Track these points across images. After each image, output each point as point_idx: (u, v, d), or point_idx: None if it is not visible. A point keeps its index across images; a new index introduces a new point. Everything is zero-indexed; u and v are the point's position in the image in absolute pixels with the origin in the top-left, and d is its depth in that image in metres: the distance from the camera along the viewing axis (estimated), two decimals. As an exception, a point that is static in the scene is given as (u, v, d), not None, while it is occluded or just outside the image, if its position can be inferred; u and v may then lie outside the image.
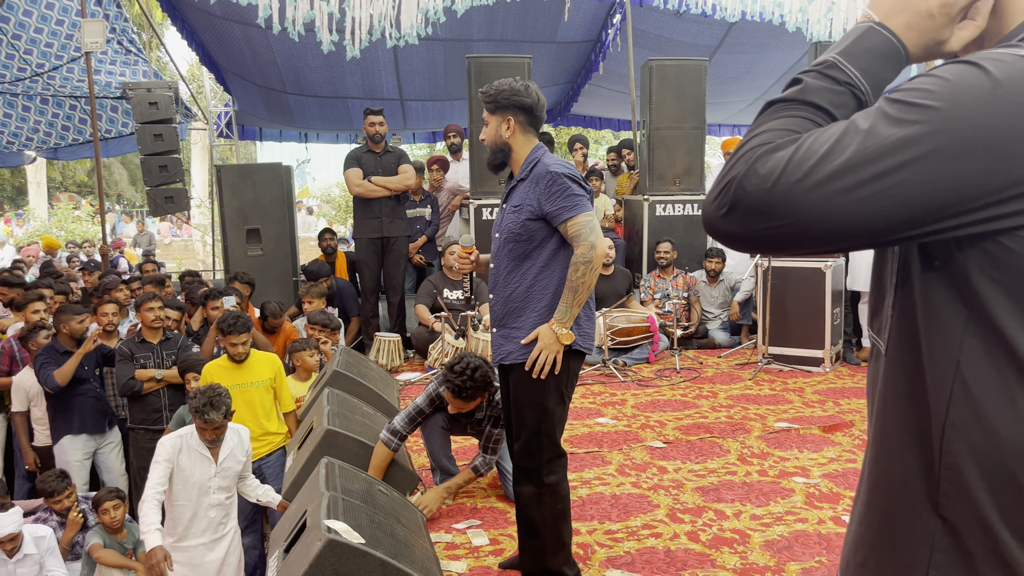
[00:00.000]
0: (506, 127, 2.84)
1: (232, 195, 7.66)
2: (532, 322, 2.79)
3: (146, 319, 5.09)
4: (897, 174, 0.83)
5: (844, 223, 0.86)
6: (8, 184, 29.77)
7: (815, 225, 0.87)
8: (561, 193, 2.72)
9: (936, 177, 0.83)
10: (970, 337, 0.90)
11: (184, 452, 3.70)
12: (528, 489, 2.86)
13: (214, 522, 3.70)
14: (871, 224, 0.85)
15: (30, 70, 9.27)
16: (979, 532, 0.90)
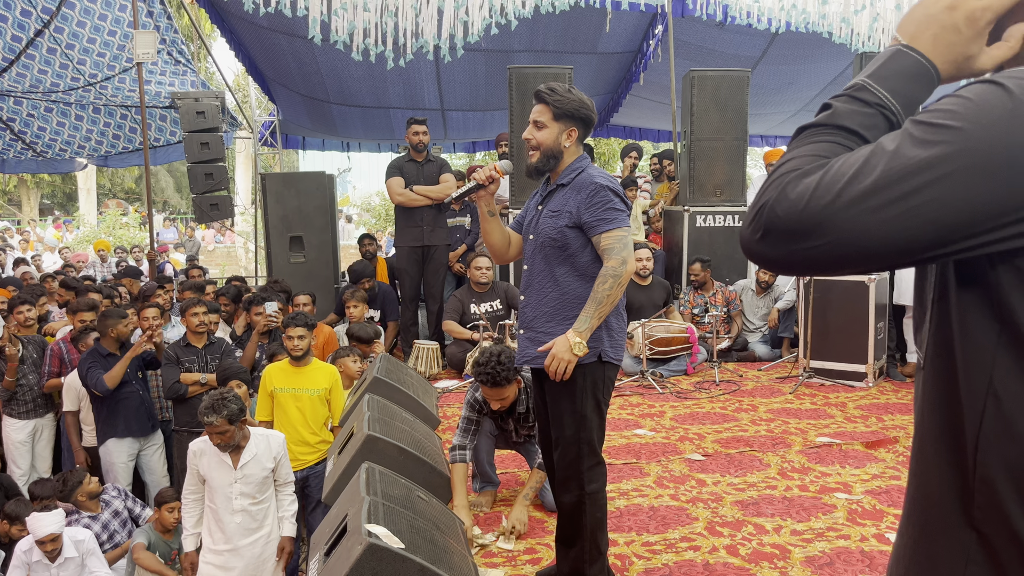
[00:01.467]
0: (567, 137, 2.83)
1: (276, 203, 7.79)
2: (564, 330, 2.79)
3: (191, 324, 5.19)
4: (923, 193, 0.85)
5: (875, 242, 0.88)
6: (59, 191, 30.53)
7: (848, 244, 0.89)
8: (602, 205, 2.73)
9: (961, 196, 0.84)
10: (1003, 351, 0.91)
11: (205, 457, 3.71)
12: (569, 497, 2.86)
13: (240, 528, 3.69)
14: (901, 243, 0.87)
15: (83, 80, 9.52)
16: (1012, 546, 0.91)
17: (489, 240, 3.08)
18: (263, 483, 3.78)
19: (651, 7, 8.46)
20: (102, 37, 8.80)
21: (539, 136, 2.84)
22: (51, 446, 5.66)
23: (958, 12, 0.97)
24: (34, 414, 5.54)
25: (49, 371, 5.55)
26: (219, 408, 3.58)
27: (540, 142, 2.84)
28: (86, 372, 5.04)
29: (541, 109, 2.83)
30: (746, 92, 7.55)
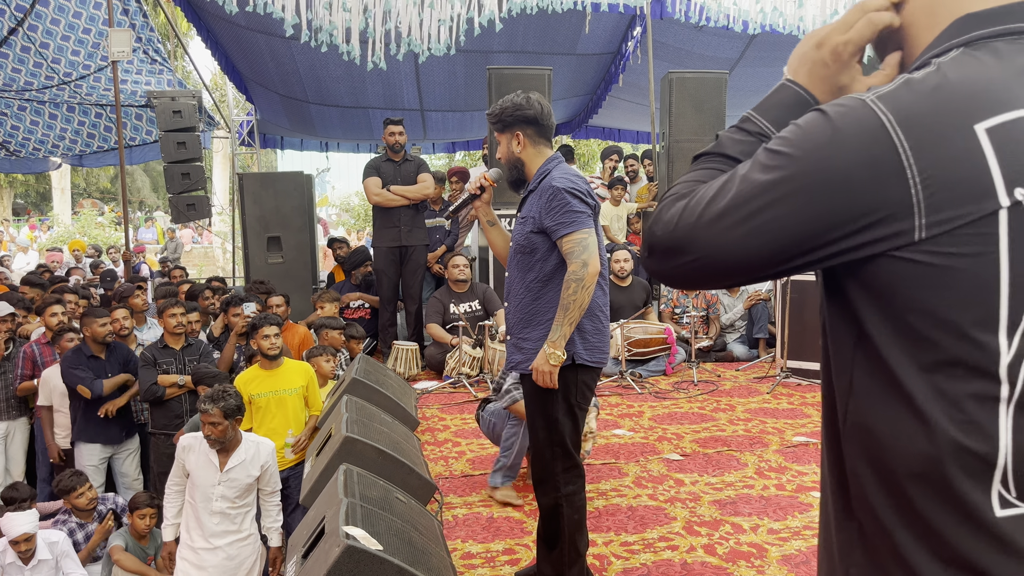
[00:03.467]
0: (516, 143, 2.86)
1: (254, 203, 7.74)
2: (539, 334, 2.79)
3: (168, 325, 5.15)
4: (764, 214, 0.95)
5: (732, 257, 0.98)
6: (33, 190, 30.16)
7: (712, 260, 0.99)
8: (560, 209, 2.71)
9: (794, 216, 0.95)
10: (859, 353, 1.00)
11: (193, 453, 3.71)
12: (546, 500, 2.87)
13: (217, 528, 3.68)
14: (753, 258, 0.98)
15: (57, 78, 9.41)
16: (881, 533, 0.98)
17: (496, 250, 3.12)
18: (247, 489, 3.75)
19: (630, 9, 8.48)
20: (76, 35, 8.71)
21: (498, 153, 2.94)
22: (24, 449, 5.59)
23: (824, 48, 1.11)
24: (6, 416, 5.46)
25: (22, 374, 5.48)
26: (217, 399, 3.60)
27: (500, 158, 2.93)
28: (69, 373, 5.00)
29: (495, 132, 2.93)
30: (724, 94, 7.60)
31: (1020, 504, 0.93)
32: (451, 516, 3.82)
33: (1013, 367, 0.92)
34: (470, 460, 4.60)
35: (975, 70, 0.93)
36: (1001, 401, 0.92)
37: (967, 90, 0.92)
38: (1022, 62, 0.93)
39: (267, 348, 4.40)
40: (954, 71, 0.94)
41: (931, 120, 0.91)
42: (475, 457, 4.64)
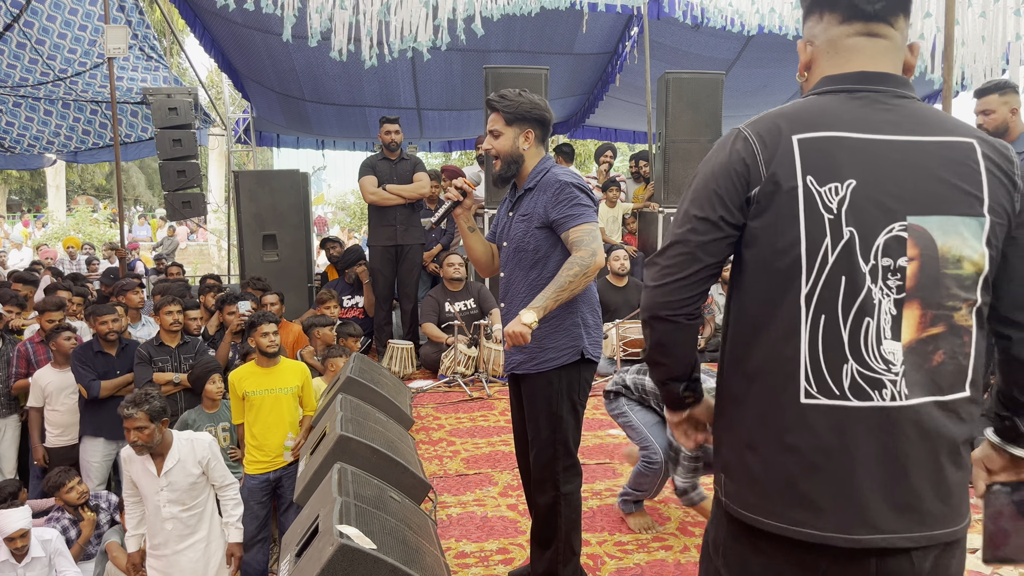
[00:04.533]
0: (524, 140, 2.85)
1: (249, 200, 7.73)
2: (543, 333, 2.79)
3: (164, 322, 5.14)
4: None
5: None
6: (27, 187, 30.08)
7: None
8: (568, 202, 2.73)
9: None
10: (731, 298, 1.52)
11: (134, 463, 3.66)
12: (544, 499, 2.87)
13: (173, 534, 3.65)
14: None
15: (53, 75, 9.38)
16: (734, 412, 1.51)
17: (474, 256, 3.08)
18: (192, 489, 3.69)
19: (627, 9, 8.50)
20: (72, 32, 8.68)
21: (497, 145, 2.86)
22: (15, 446, 5.58)
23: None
24: (-1, 414, 5.45)
25: (16, 372, 5.47)
26: (141, 402, 3.54)
27: (499, 150, 2.86)
28: (75, 368, 5.06)
29: (494, 118, 2.86)
30: (720, 94, 7.61)
31: (819, 396, 1.36)
32: (445, 515, 3.83)
33: (808, 297, 1.36)
34: (464, 459, 4.60)
35: (806, 106, 1.43)
36: (803, 321, 1.36)
37: (790, 114, 1.42)
38: (835, 105, 1.42)
39: (266, 346, 4.39)
40: (795, 105, 1.44)
41: (769, 128, 1.41)
42: (469, 456, 4.64)
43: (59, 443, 5.29)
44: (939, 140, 1.38)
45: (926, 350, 1.36)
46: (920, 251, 1.35)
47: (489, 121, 2.88)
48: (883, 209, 1.35)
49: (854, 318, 1.35)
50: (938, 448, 1.37)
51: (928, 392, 1.36)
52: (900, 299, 1.35)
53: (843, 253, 1.34)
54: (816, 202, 1.35)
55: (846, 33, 1.44)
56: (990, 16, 6.89)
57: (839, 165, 1.35)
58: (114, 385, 5.06)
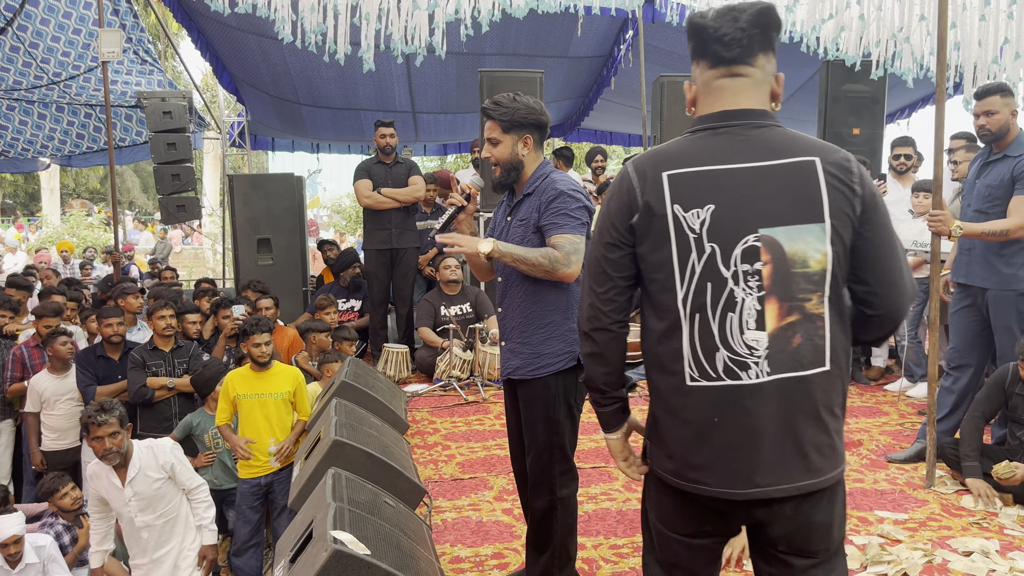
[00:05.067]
0: (523, 145, 2.82)
1: (244, 204, 7.72)
2: (539, 338, 2.80)
3: (158, 327, 5.12)
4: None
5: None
6: (21, 190, 30.02)
7: None
8: (558, 211, 2.73)
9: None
10: (642, 306, 1.84)
11: (100, 480, 3.66)
12: (541, 503, 2.86)
13: (150, 543, 3.65)
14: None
15: (47, 78, 9.36)
16: (650, 389, 1.85)
17: (473, 261, 3.08)
18: (159, 495, 3.68)
19: (622, 12, 8.49)
20: (66, 35, 8.67)
21: (496, 152, 2.83)
22: (10, 451, 5.56)
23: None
24: (-7, 418, 5.44)
25: (11, 376, 5.45)
26: (109, 408, 3.56)
27: (498, 158, 2.83)
28: (76, 371, 5.10)
29: (491, 125, 2.82)
30: (715, 98, 7.60)
31: (700, 379, 1.69)
32: (440, 520, 3.82)
33: (684, 300, 1.68)
34: (460, 464, 4.59)
35: (678, 145, 1.74)
36: (683, 320, 1.69)
37: (665, 154, 1.73)
38: (700, 143, 1.72)
39: (257, 356, 4.38)
40: (670, 143, 1.75)
41: (648, 166, 1.72)
42: (464, 461, 4.64)
43: (57, 447, 5.28)
44: (784, 162, 1.67)
45: (786, 335, 1.66)
46: (772, 256, 1.65)
47: (486, 129, 2.85)
48: (738, 225, 1.65)
49: (721, 315, 1.67)
50: (799, 414, 1.67)
51: (789, 369, 1.66)
52: (761, 296, 1.66)
53: (707, 264, 1.66)
54: (683, 225, 1.67)
55: (714, 76, 1.74)
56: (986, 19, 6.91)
57: (700, 193, 1.66)
58: (111, 391, 5.06)
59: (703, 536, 1.80)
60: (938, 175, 3.95)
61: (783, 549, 1.74)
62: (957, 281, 4.37)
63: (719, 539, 1.82)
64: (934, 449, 4.07)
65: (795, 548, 1.74)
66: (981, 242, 4.13)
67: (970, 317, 4.30)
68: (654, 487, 1.87)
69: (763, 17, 1.70)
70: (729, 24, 1.69)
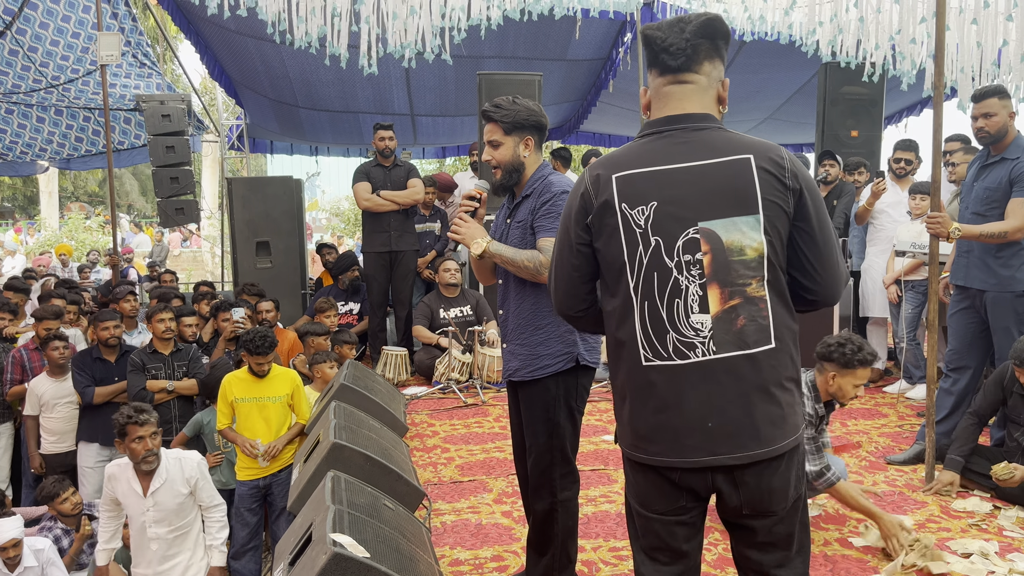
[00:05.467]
0: (525, 147, 2.84)
1: (243, 207, 7.72)
2: (538, 340, 2.81)
3: (157, 330, 5.12)
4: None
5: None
6: (20, 194, 30.01)
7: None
8: (549, 212, 2.76)
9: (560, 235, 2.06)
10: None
11: (119, 483, 3.60)
12: (541, 505, 2.86)
13: (157, 555, 3.59)
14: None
15: (45, 82, 9.36)
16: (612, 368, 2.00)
17: (478, 265, 3.07)
18: (179, 510, 3.64)
19: (620, 15, 8.51)
20: (65, 39, 8.67)
21: (497, 155, 2.85)
22: (9, 455, 5.56)
23: None
24: (-8, 422, 5.44)
25: (11, 379, 5.45)
26: (147, 410, 3.56)
27: (499, 160, 2.85)
28: (73, 373, 5.09)
29: (491, 128, 2.84)
30: (713, 100, 7.61)
31: (653, 359, 1.84)
32: (439, 523, 3.82)
33: (635, 289, 1.85)
34: (459, 466, 4.59)
35: (627, 150, 1.91)
36: (634, 306, 1.85)
37: (616, 158, 1.90)
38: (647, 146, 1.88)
39: (260, 372, 4.36)
40: (622, 147, 1.93)
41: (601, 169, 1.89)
42: (464, 463, 4.64)
43: (55, 450, 5.28)
44: (721, 160, 1.82)
45: (730, 317, 1.81)
46: (711, 247, 1.80)
47: (486, 132, 2.86)
48: (678, 220, 1.81)
49: (668, 301, 1.82)
50: (748, 389, 1.81)
51: (736, 348, 1.81)
52: (703, 283, 1.81)
53: (653, 255, 1.82)
54: (630, 221, 1.84)
55: (662, 83, 1.90)
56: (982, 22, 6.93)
57: (644, 192, 1.83)
58: (109, 392, 5.07)
59: (680, 512, 1.91)
60: (936, 177, 3.96)
61: (747, 513, 1.88)
62: (955, 283, 4.37)
63: (696, 513, 1.93)
64: (933, 451, 4.07)
65: (757, 511, 1.88)
66: (979, 244, 4.14)
67: (968, 319, 4.30)
68: (629, 469, 1.99)
69: (708, 27, 1.85)
70: (676, 35, 1.84)
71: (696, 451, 1.82)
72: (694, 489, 1.88)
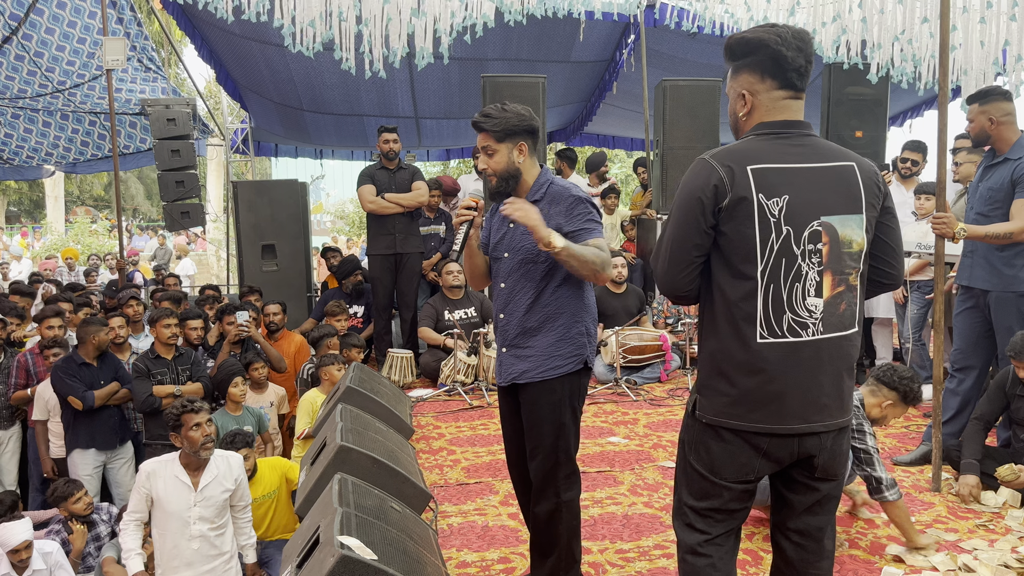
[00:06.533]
0: (519, 153, 2.83)
1: (248, 211, 7.74)
2: (548, 342, 2.82)
3: (162, 335, 5.14)
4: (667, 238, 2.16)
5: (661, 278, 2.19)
6: (26, 198, 30.10)
7: (662, 286, 2.19)
8: (582, 216, 2.79)
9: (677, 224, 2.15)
10: (706, 279, 2.14)
11: (160, 479, 3.56)
12: (545, 506, 2.87)
13: (199, 554, 3.55)
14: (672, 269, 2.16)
15: (51, 87, 9.40)
16: (712, 346, 2.14)
17: (478, 270, 3.09)
18: (223, 507, 3.65)
19: (623, 17, 8.52)
20: (71, 44, 8.71)
21: (492, 163, 2.84)
22: (17, 458, 5.58)
23: None
24: (-1, 426, 5.45)
25: (16, 383, 5.47)
26: (197, 399, 3.57)
27: (495, 169, 2.84)
28: (61, 381, 4.97)
29: (483, 137, 2.83)
30: (718, 101, 7.62)
31: (768, 336, 2.03)
32: (446, 525, 3.82)
33: (763, 272, 2.02)
34: (465, 468, 4.60)
35: (751, 145, 2.08)
36: (759, 288, 2.02)
37: (743, 151, 2.05)
38: (769, 145, 2.07)
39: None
40: (742, 143, 2.09)
41: (730, 161, 2.03)
42: (470, 465, 4.64)
43: (64, 454, 5.28)
44: (832, 165, 2.09)
45: (836, 302, 2.06)
46: (829, 239, 2.05)
47: (479, 141, 2.85)
48: (806, 213, 2.03)
49: (790, 284, 2.03)
50: (840, 366, 2.09)
51: (836, 329, 2.07)
52: (820, 270, 2.04)
53: (784, 243, 2.02)
54: (766, 210, 2.01)
55: (781, 96, 2.10)
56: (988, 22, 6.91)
57: (777, 185, 2.02)
58: (106, 394, 5.05)
59: (748, 481, 2.13)
60: (941, 178, 3.96)
61: (819, 475, 2.14)
62: (960, 283, 4.37)
63: (756, 481, 2.15)
64: (940, 451, 4.07)
65: (828, 472, 2.14)
66: (983, 244, 4.13)
67: (973, 319, 4.30)
68: (707, 437, 2.14)
69: (813, 50, 2.12)
70: (802, 58, 2.07)
71: (794, 419, 2.04)
72: (777, 457, 2.09)
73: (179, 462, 3.63)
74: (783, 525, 2.25)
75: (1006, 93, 4.15)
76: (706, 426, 2.14)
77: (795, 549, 2.23)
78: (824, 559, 2.23)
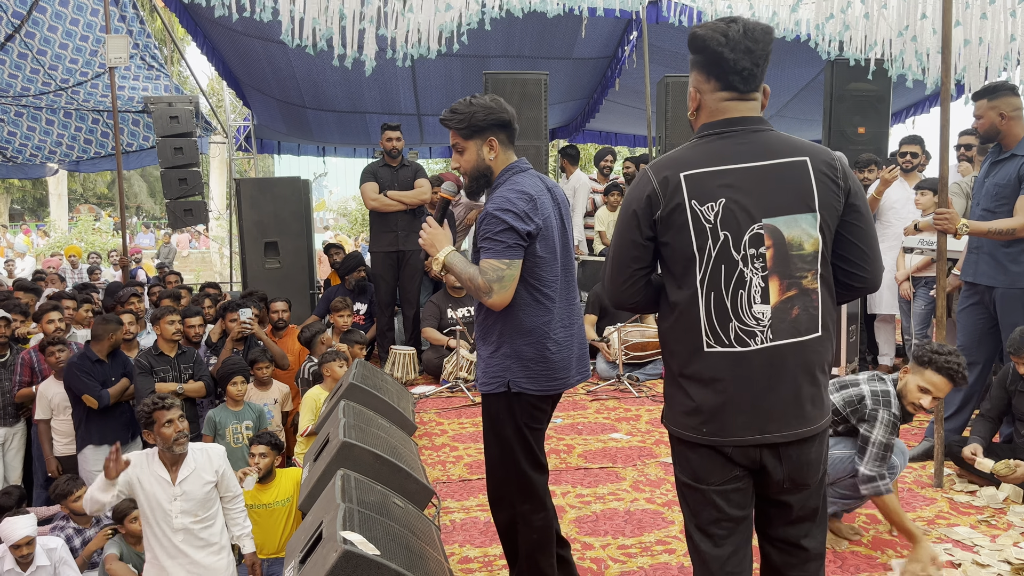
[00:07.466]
0: (489, 149, 2.66)
1: (251, 208, 7.75)
2: (484, 356, 2.70)
3: (166, 332, 5.15)
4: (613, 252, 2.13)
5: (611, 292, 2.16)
6: (29, 196, 30.16)
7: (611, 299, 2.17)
8: (484, 234, 2.56)
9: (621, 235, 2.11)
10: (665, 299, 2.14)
11: (142, 471, 3.55)
12: (502, 516, 2.79)
13: (184, 546, 3.54)
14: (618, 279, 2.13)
15: (54, 85, 9.42)
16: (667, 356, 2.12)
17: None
18: (206, 500, 3.62)
19: (626, 13, 8.51)
20: (74, 43, 8.72)
21: (462, 161, 2.69)
22: (21, 455, 5.59)
23: None
24: (3, 423, 5.46)
25: (20, 380, 5.48)
26: (167, 395, 3.54)
27: (464, 167, 2.69)
28: (76, 378, 4.97)
29: (452, 135, 2.68)
30: (720, 98, 7.60)
31: (715, 346, 1.96)
32: (449, 520, 3.83)
33: (702, 280, 1.96)
34: (467, 464, 4.61)
35: (689, 148, 2.01)
36: (699, 297, 1.96)
37: (679, 158, 1.99)
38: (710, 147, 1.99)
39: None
40: (684, 148, 2.02)
41: (668, 170, 1.97)
42: (472, 461, 4.65)
43: (68, 452, 5.29)
44: (781, 161, 1.97)
45: (787, 307, 1.96)
46: (773, 241, 1.95)
47: (450, 138, 2.71)
48: (745, 216, 1.94)
49: (732, 292, 1.95)
50: (797, 373, 1.97)
51: (790, 336, 1.96)
52: (765, 275, 1.95)
53: (721, 249, 1.94)
54: (700, 217, 1.94)
55: (724, 97, 2.01)
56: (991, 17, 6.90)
57: (712, 190, 1.94)
58: (118, 391, 5.08)
59: (735, 480, 2.03)
60: (944, 173, 3.95)
61: (786, 486, 2.03)
62: (965, 279, 4.36)
63: (747, 480, 2.05)
64: (942, 447, 4.07)
65: (796, 484, 2.04)
66: (988, 240, 4.13)
67: (977, 315, 4.29)
68: (681, 447, 2.10)
69: (770, 48, 1.98)
70: (747, 59, 1.95)
71: (747, 430, 1.96)
72: (744, 464, 2.01)
73: (157, 457, 3.63)
74: (764, 533, 2.18)
75: (1014, 88, 4.14)
76: (676, 437, 2.10)
77: (779, 555, 2.16)
78: (811, 561, 2.13)
